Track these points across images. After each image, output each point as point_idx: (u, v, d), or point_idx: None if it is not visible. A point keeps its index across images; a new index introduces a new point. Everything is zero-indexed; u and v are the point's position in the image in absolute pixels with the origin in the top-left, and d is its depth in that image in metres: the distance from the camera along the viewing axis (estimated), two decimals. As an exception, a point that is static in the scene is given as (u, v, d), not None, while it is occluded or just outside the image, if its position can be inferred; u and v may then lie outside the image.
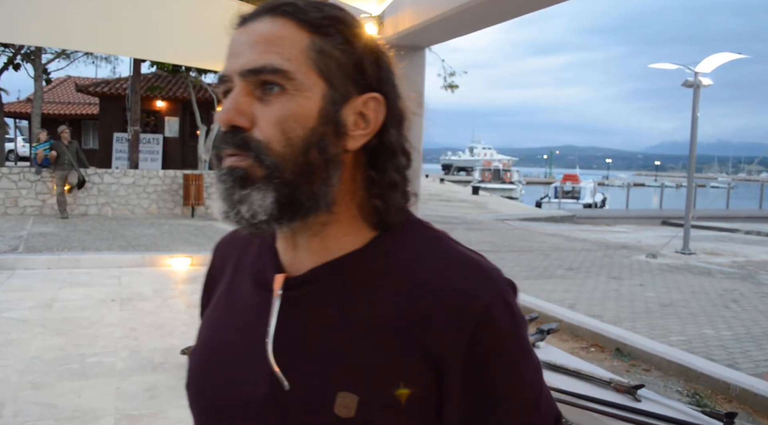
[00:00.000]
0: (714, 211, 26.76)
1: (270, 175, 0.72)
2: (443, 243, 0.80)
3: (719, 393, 4.66)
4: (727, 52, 13.16)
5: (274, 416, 0.75)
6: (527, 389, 0.78)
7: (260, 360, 0.76)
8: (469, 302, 0.73)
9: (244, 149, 0.72)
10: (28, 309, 5.96)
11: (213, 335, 0.86)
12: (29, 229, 11.15)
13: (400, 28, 3.41)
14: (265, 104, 0.73)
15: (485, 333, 0.72)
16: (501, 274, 0.78)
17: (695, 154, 12.85)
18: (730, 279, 9.86)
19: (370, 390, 0.72)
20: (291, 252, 0.80)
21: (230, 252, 0.93)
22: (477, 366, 0.73)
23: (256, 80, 0.73)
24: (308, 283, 0.78)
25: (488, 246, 12.78)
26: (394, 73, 0.82)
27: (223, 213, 0.74)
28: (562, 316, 6.36)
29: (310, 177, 0.73)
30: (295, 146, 0.72)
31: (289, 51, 0.73)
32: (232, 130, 0.73)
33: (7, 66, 19.51)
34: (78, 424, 3.53)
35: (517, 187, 51.25)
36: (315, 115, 0.73)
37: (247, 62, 0.73)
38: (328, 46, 0.75)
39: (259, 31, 0.74)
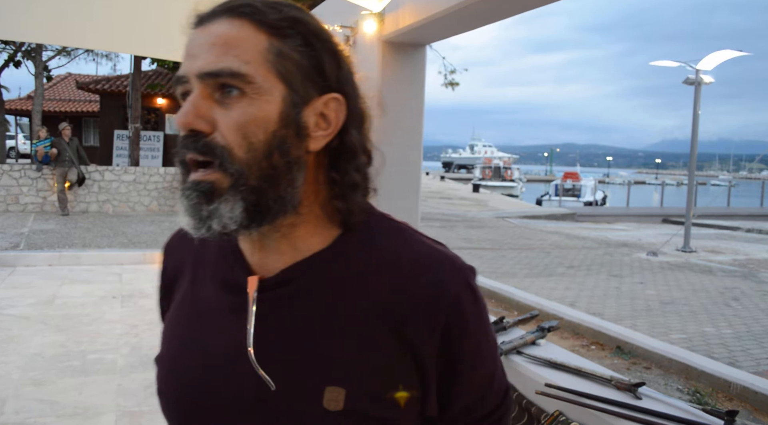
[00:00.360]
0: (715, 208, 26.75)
1: (236, 184, 0.72)
2: (407, 235, 0.83)
3: (720, 391, 4.66)
4: (728, 50, 13.14)
5: (261, 417, 0.76)
6: (486, 365, 0.84)
7: (241, 362, 0.76)
8: (440, 291, 0.76)
9: (208, 155, 0.72)
10: (29, 306, 5.97)
11: (181, 340, 0.86)
12: (30, 226, 11.16)
13: (401, 25, 3.40)
14: (225, 108, 0.72)
15: (455, 317, 0.77)
16: (463, 261, 0.82)
17: (696, 151, 12.84)
18: (730, 277, 9.86)
19: (356, 383, 0.74)
20: (259, 253, 0.80)
21: (183, 253, 0.92)
22: (448, 349, 0.78)
23: (214, 83, 0.72)
24: (282, 284, 0.78)
25: (489, 244, 12.78)
26: (353, 74, 0.82)
27: (192, 227, 0.74)
28: (563, 314, 6.37)
29: (275, 181, 0.74)
30: (258, 150, 0.72)
31: (248, 54, 0.72)
32: (192, 134, 0.72)
33: (8, 63, 19.51)
34: (79, 421, 3.53)
35: (518, 185, 51.24)
36: (276, 119, 0.73)
37: (205, 64, 0.72)
38: (286, 48, 0.74)
39: (216, 33, 0.73)
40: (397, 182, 3.81)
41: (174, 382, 0.83)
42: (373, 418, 0.75)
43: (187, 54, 0.74)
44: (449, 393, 0.81)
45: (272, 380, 0.75)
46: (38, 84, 18.24)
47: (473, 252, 11.45)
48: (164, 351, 0.88)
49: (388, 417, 0.76)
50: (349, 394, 0.74)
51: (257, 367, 0.75)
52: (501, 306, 7.16)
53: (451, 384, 0.80)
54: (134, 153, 16.78)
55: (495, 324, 2.69)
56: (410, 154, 3.86)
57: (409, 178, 3.86)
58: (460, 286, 0.78)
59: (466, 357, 0.80)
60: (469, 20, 3.20)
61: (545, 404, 2.13)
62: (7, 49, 19.43)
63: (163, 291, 0.96)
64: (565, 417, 1.99)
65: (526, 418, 2.17)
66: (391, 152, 3.78)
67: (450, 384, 0.80)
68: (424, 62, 3.91)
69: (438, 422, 0.83)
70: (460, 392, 0.82)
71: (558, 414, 2.02)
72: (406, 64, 3.79)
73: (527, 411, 2.18)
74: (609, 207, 35.07)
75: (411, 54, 3.80)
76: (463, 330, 0.78)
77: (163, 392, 0.85)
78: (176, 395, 0.83)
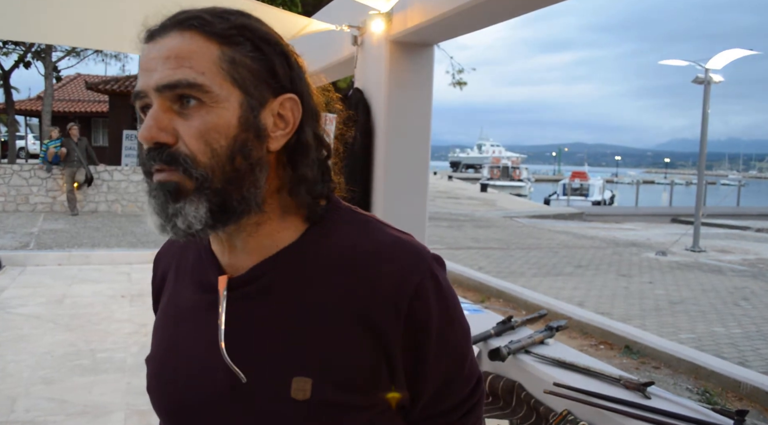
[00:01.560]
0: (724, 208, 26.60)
1: (200, 187, 0.75)
2: (373, 226, 0.85)
3: (730, 391, 4.63)
4: (738, 49, 13.05)
5: (235, 408, 0.80)
6: (453, 352, 0.85)
7: (214, 357, 0.80)
8: (401, 279, 0.79)
9: (172, 164, 0.75)
10: (39, 305, 6.01)
11: (164, 340, 0.91)
12: (40, 226, 11.24)
13: (409, 25, 3.40)
14: (185, 118, 0.75)
15: (418, 305, 0.79)
16: (428, 251, 0.84)
17: (705, 150, 12.76)
18: (740, 276, 9.80)
19: (322, 372, 0.77)
20: (228, 253, 0.84)
21: (169, 260, 0.98)
22: (413, 337, 0.80)
23: (172, 95, 0.75)
24: (250, 282, 0.82)
25: (497, 243, 12.75)
26: (304, 72, 0.85)
27: (159, 226, 0.78)
28: (571, 314, 6.35)
29: (239, 182, 0.77)
30: (221, 156, 0.75)
31: (202, 64, 0.75)
32: (156, 147, 0.76)
33: (18, 64, 19.66)
34: (89, 419, 3.55)
35: (526, 185, 51.09)
36: (235, 124, 0.76)
37: (162, 78, 0.74)
38: (238, 55, 0.77)
39: (169, 46, 0.76)
40: (405, 182, 3.81)
41: (158, 380, 0.89)
42: (340, 406, 0.78)
43: (142, 69, 0.77)
44: (417, 381, 0.83)
45: (243, 373, 0.78)
46: (48, 84, 18.36)
47: (481, 251, 11.44)
48: (152, 351, 0.94)
49: (356, 405, 0.79)
50: (316, 384, 0.77)
51: (228, 361, 0.78)
52: (509, 306, 7.15)
53: (419, 373, 0.83)
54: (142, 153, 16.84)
55: (503, 323, 2.68)
56: (418, 153, 3.86)
57: (416, 177, 3.85)
58: (422, 275, 0.80)
59: (431, 345, 0.82)
60: (477, 19, 3.20)
61: (554, 403, 2.13)
62: (17, 49, 19.58)
63: (155, 297, 1.01)
64: (574, 417, 1.99)
65: (535, 418, 2.17)
66: (399, 152, 3.77)
67: (418, 372, 0.83)
68: (432, 62, 3.90)
69: (410, 412, 0.86)
70: (427, 380, 0.84)
71: (566, 413, 2.02)
72: (414, 63, 3.79)
73: (536, 411, 2.18)
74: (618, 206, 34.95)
75: (419, 53, 3.79)
76: (428, 318, 0.80)
77: (150, 390, 0.91)
78: (160, 392, 0.88)
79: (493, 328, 2.63)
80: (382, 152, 3.75)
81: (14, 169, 13.56)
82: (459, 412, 0.89)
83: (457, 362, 0.87)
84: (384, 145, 3.73)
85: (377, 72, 3.81)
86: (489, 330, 2.60)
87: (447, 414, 0.88)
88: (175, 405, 0.86)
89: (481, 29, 3.42)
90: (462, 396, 0.89)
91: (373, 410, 0.81)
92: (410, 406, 0.85)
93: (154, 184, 0.77)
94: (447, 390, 0.87)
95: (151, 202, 0.78)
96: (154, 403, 0.90)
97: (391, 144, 3.75)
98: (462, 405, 0.89)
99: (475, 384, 0.91)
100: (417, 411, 0.86)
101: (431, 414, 0.88)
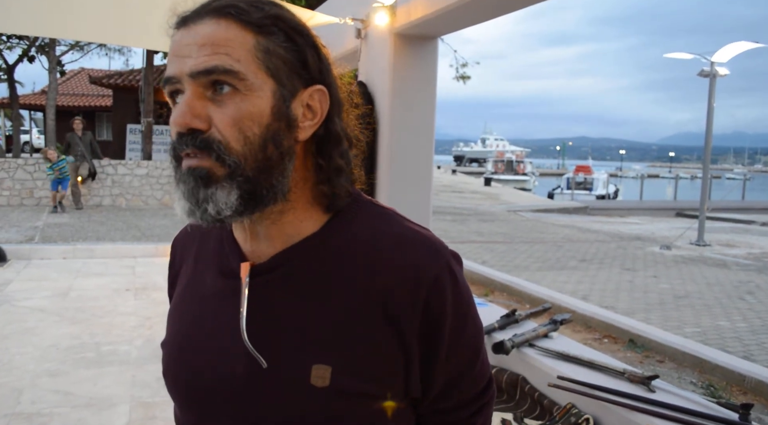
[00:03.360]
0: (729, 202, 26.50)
1: (233, 173, 0.76)
2: (393, 220, 0.87)
3: (734, 384, 4.62)
4: (744, 41, 12.96)
5: (254, 393, 0.80)
6: (465, 348, 0.87)
7: (235, 342, 0.81)
8: (421, 271, 0.81)
9: (205, 150, 0.75)
10: (44, 298, 6.03)
11: (183, 324, 0.91)
12: (45, 220, 11.27)
13: (413, 17, 3.39)
14: (218, 105, 0.76)
15: (434, 299, 0.81)
16: (446, 247, 0.86)
17: (711, 144, 12.69)
18: (745, 270, 9.77)
19: (342, 360, 0.78)
20: (251, 241, 0.85)
21: (188, 246, 0.98)
22: (429, 330, 0.81)
23: (206, 81, 0.75)
24: (272, 269, 0.83)
25: (501, 237, 12.74)
26: (331, 65, 0.86)
27: (188, 211, 0.78)
28: (575, 307, 6.34)
29: (269, 171, 0.78)
30: (254, 144, 0.76)
31: (238, 52, 0.75)
32: (189, 133, 0.76)
33: (22, 58, 19.68)
34: (94, 411, 3.57)
35: (531, 179, 51.00)
36: (268, 113, 0.77)
37: (198, 64, 0.75)
38: (272, 45, 0.78)
39: (204, 33, 0.76)
40: (409, 175, 3.80)
41: (175, 364, 0.89)
42: (358, 394, 0.79)
43: (175, 55, 0.77)
44: (429, 373, 0.84)
45: (264, 358, 0.79)
46: (52, 79, 18.34)
47: (485, 245, 11.43)
48: (168, 336, 0.94)
49: (373, 393, 0.80)
50: (335, 371, 0.78)
51: (249, 346, 0.79)
52: (513, 299, 7.14)
53: (431, 365, 0.84)
54: (147, 147, 16.87)
55: (507, 316, 2.68)
56: (422, 147, 3.85)
57: (420, 171, 3.85)
58: (440, 268, 0.82)
59: (444, 338, 0.83)
60: (481, 12, 3.18)
61: (558, 396, 2.13)
62: (21, 44, 19.59)
63: (171, 282, 1.02)
64: (578, 410, 1.99)
65: (539, 411, 2.17)
66: (403, 145, 3.77)
67: (430, 364, 0.84)
68: (436, 55, 3.89)
69: (420, 404, 0.87)
70: (438, 374, 0.85)
71: (570, 406, 2.02)
72: (418, 56, 3.78)
73: (539, 404, 2.18)
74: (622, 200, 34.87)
75: (423, 46, 3.78)
76: (443, 311, 0.82)
77: (166, 373, 0.91)
78: (177, 375, 0.88)
79: (497, 322, 2.63)
80: (386, 146, 3.74)
81: (19, 163, 13.60)
82: (468, 410, 0.90)
83: (468, 359, 0.88)
84: (388, 139, 3.72)
85: (381, 65, 3.79)
86: (493, 324, 2.60)
87: (455, 411, 0.90)
88: (194, 388, 0.86)
89: (485, 21, 3.40)
90: (472, 395, 0.91)
91: (387, 400, 0.82)
92: (421, 399, 0.86)
93: (184, 169, 0.77)
94: (457, 386, 0.88)
95: (180, 187, 0.78)
96: (171, 386, 0.90)
97: (395, 137, 3.74)
98: (472, 403, 0.91)
99: (486, 385, 0.93)
100: (426, 404, 0.87)
101: (440, 409, 0.89)
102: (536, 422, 2.10)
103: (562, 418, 1.99)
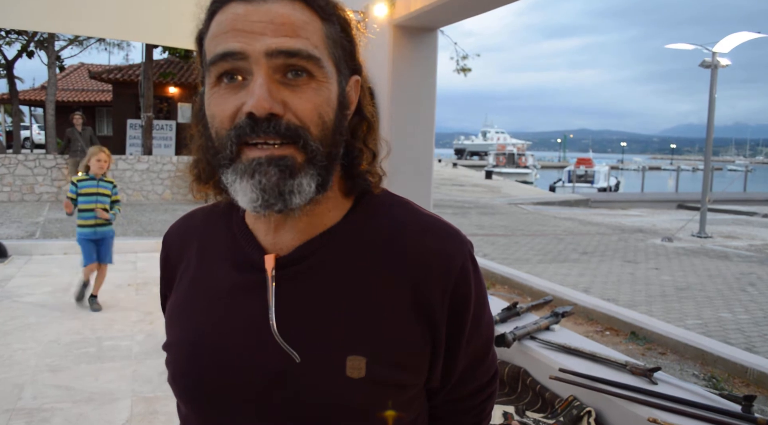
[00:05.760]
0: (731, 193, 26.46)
1: (313, 160, 0.74)
2: (414, 208, 0.88)
3: (736, 376, 4.62)
4: (745, 32, 12.91)
5: (288, 388, 0.78)
6: (483, 335, 0.88)
7: (264, 338, 0.78)
8: (449, 259, 0.81)
9: (289, 137, 0.72)
10: (45, 293, 6.04)
11: (195, 322, 0.85)
12: (46, 215, 11.27)
13: (412, 9, 3.36)
14: (293, 90, 0.73)
15: (461, 287, 0.82)
16: (465, 235, 0.87)
17: (712, 135, 12.65)
18: (747, 262, 9.76)
19: (376, 350, 0.78)
20: (274, 233, 0.82)
21: (187, 241, 0.93)
22: (455, 318, 0.82)
23: (283, 64, 0.72)
24: (298, 261, 0.81)
25: (502, 230, 12.73)
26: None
27: (263, 203, 0.73)
28: (577, 300, 6.33)
29: (336, 158, 0.78)
30: (329, 130, 0.76)
31: (315, 38, 0.74)
32: (266, 118, 0.71)
33: (21, 53, 19.62)
34: (95, 406, 3.57)
35: (532, 172, 50.97)
36: (336, 100, 0.77)
37: (280, 43, 0.71)
38: (335, 34, 0.78)
39: (279, 12, 0.72)
40: (410, 169, 3.79)
41: (192, 363, 0.83)
42: (392, 385, 0.79)
43: (239, 29, 0.72)
44: (452, 362, 0.85)
45: (296, 352, 0.77)
46: (51, 74, 18.30)
47: (486, 238, 11.41)
48: (179, 336, 0.87)
49: (405, 383, 0.80)
50: (370, 362, 0.77)
51: (281, 341, 0.77)
52: (514, 292, 7.14)
53: (454, 354, 0.84)
54: (147, 142, 16.85)
55: (508, 309, 2.67)
56: (422, 140, 3.83)
57: (421, 164, 3.83)
58: (464, 257, 0.83)
59: (467, 328, 0.84)
60: (481, 2, 3.16)
61: (559, 389, 2.12)
62: (20, 39, 19.54)
63: (167, 278, 0.96)
64: (580, 402, 1.98)
65: (540, 403, 2.16)
66: (403, 138, 3.75)
67: (453, 353, 0.84)
68: (436, 47, 3.86)
69: (437, 394, 0.88)
70: (459, 360, 0.86)
71: (572, 399, 2.01)
72: (418, 48, 3.75)
73: (541, 396, 2.17)
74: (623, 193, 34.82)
75: (422, 38, 3.75)
76: (467, 300, 0.83)
77: (181, 374, 0.84)
78: (196, 375, 0.82)
79: (498, 314, 2.62)
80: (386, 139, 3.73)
81: (19, 158, 13.59)
82: (479, 398, 0.92)
83: (484, 345, 0.90)
84: (388, 132, 3.70)
85: (380, 57, 3.77)
86: (494, 317, 2.59)
87: (468, 399, 0.91)
88: (218, 387, 0.81)
89: (484, 12, 3.38)
90: (483, 382, 0.92)
91: (415, 389, 0.82)
92: (439, 387, 0.87)
93: (261, 158, 0.72)
94: (473, 372, 0.89)
95: (255, 178, 0.72)
96: (187, 386, 0.84)
97: (395, 131, 3.72)
98: (482, 391, 0.93)
99: (494, 373, 0.95)
100: (443, 393, 0.88)
101: (454, 397, 0.90)
102: (538, 414, 2.09)
103: (563, 411, 1.98)
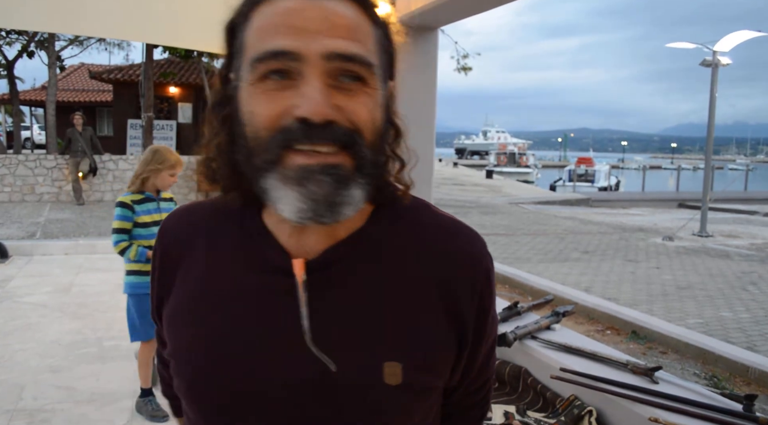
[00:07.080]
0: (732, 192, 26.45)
1: (362, 168, 0.71)
2: (431, 210, 0.86)
3: (738, 375, 4.61)
4: (746, 30, 12.90)
5: (323, 397, 0.74)
6: (492, 334, 0.88)
7: (295, 345, 0.74)
8: (476, 261, 0.82)
9: (343, 145, 0.68)
10: (46, 294, 6.04)
11: (214, 327, 0.79)
12: (46, 216, 11.27)
13: (413, 7, 3.36)
14: (346, 94, 0.69)
15: (486, 289, 0.82)
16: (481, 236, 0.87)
17: (713, 135, 12.64)
18: (748, 261, 9.75)
19: (410, 356, 0.76)
20: (298, 235, 0.78)
21: (189, 238, 0.85)
22: (479, 319, 0.82)
23: (337, 68, 0.68)
24: (329, 265, 0.77)
25: (503, 229, 12.72)
26: None
27: (313, 215, 0.69)
28: (578, 299, 6.33)
29: (380, 166, 0.76)
30: (379, 137, 0.74)
31: (369, 42, 0.72)
32: (321, 124, 0.67)
33: (21, 54, 19.63)
34: (96, 406, 3.57)
35: (533, 171, 50.98)
36: (383, 107, 0.75)
37: (339, 46, 0.67)
38: (382, 39, 0.76)
39: (338, 12, 0.69)
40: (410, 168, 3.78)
41: (221, 371, 0.77)
42: (427, 389, 0.78)
43: (291, 26, 0.68)
44: (473, 362, 0.85)
45: (331, 360, 0.74)
46: (51, 74, 18.31)
47: (487, 238, 11.32)
48: (191, 341, 0.80)
49: (433, 386, 0.80)
50: (405, 367, 0.75)
51: (315, 349, 0.73)
52: (515, 292, 7.14)
53: (475, 354, 0.84)
54: (148, 142, 16.81)
55: (509, 309, 2.67)
56: (423, 139, 3.83)
57: (421, 164, 3.82)
58: (488, 259, 0.84)
59: (487, 326, 0.84)
60: (482, 2, 3.15)
61: (560, 388, 2.12)
62: (20, 39, 19.55)
63: (163, 276, 0.87)
64: (581, 402, 1.97)
65: (542, 403, 2.16)
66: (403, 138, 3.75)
67: (474, 353, 0.84)
68: (437, 46, 3.85)
69: (454, 391, 0.87)
70: (477, 360, 0.86)
71: (573, 398, 2.00)
72: (419, 47, 3.75)
73: (542, 396, 2.17)
74: (624, 192, 34.82)
75: (423, 37, 3.75)
76: (490, 300, 0.83)
77: (196, 382, 0.79)
78: (223, 384, 0.77)
79: (499, 314, 2.62)
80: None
81: (20, 159, 13.59)
82: (482, 393, 0.93)
83: (492, 345, 0.90)
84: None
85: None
86: (495, 316, 2.59)
87: (476, 393, 0.92)
88: (241, 395, 0.76)
89: (486, 11, 3.37)
90: (486, 378, 0.92)
91: (439, 390, 0.82)
92: (456, 386, 0.86)
93: (313, 167, 0.67)
94: (482, 370, 0.90)
95: (307, 187, 0.68)
96: (208, 396, 0.78)
97: (395, 129, 3.72)
98: (485, 386, 0.93)
99: (493, 373, 0.96)
100: (460, 390, 0.88)
101: (466, 393, 0.90)
102: (539, 414, 2.09)
103: (564, 410, 1.98)
